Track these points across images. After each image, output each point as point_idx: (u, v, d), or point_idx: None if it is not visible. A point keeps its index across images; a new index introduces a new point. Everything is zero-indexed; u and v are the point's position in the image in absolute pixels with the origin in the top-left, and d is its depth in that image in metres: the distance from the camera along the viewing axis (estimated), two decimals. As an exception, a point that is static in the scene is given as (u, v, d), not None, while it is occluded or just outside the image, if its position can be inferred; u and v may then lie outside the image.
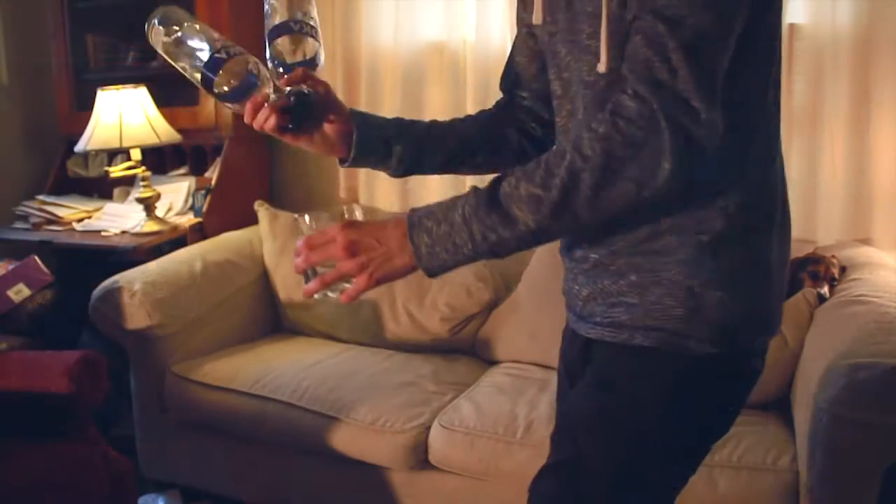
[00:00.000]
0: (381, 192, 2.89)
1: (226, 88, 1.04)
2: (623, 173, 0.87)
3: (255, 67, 1.05)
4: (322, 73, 1.11)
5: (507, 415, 1.93)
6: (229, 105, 1.07)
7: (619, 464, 1.01)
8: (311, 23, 1.09)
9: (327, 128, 1.10)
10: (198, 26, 1.08)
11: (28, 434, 1.82)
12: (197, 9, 2.77)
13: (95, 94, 2.66)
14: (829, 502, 1.55)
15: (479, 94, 2.59)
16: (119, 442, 2.15)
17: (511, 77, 1.24)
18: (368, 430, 1.98)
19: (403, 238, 0.94)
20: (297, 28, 1.07)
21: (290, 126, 1.06)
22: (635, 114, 0.86)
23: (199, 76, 1.05)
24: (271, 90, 1.05)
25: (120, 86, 2.64)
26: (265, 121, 1.03)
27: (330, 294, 0.99)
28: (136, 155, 2.67)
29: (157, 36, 1.07)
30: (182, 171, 2.98)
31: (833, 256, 2.10)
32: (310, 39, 1.07)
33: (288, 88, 1.05)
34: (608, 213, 0.91)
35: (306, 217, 1.03)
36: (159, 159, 2.98)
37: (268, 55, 1.08)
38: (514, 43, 1.24)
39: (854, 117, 2.25)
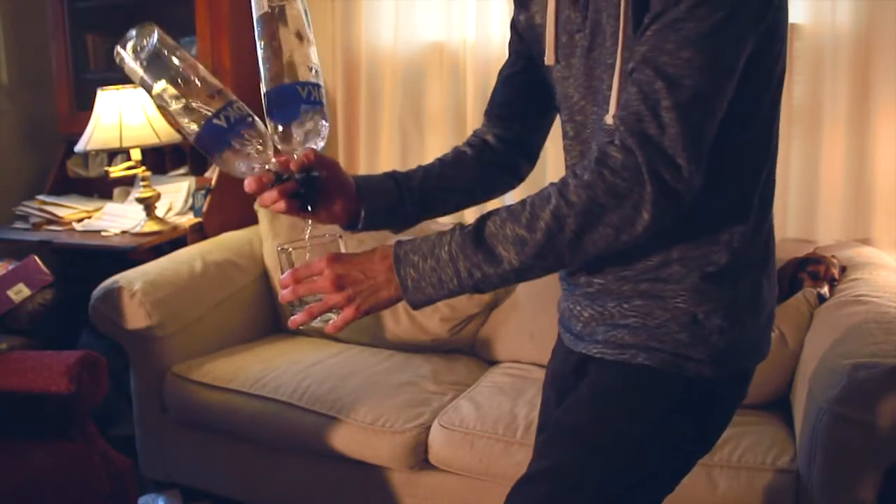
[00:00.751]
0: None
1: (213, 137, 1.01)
2: (604, 220, 0.90)
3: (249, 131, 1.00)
4: (322, 73, 1.09)
5: (507, 415, 1.93)
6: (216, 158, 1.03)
7: (610, 473, 1.03)
8: (316, 80, 1.03)
9: (333, 204, 1.10)
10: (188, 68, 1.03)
11: (28, 434, 1.82)
12: (197, 9, 2.77)
13: (95, 94, 2.66)
14: (829, 502, 1.55)
15: (479, 94, 2.59)
16: (119, 442, 2.15)
17: (499, 110, 1.25)
18: (368, 430, 1.98)
19: (389, 271, 0.96)
20: (306, 97, 1.01)
21: (298, 209, 1.05)
22: (620, 165, 0.89)
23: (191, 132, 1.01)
24: (272, 164, 1.01)
25: (120, 86, 2.64)
26: (272, 203, 1.02)
27: (316, 325, 1.01)
28: (136, 155, 2.67)
29: (132, 63, 1.04)
30: (182, 171, 2.98)
31: (833, 256, 2.10)
32: (318, 116, 1.02)
33: (296, 173, 1.01)
34: (588, 255, 0.94)
35: (290, 247, 1.03)
36: (159, 159, 2.98)
37: (267, 118, 1.03)
38: (503, 73, 1.24)
39: (854, 117, 2.25)
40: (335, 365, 2.27)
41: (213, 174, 2.83)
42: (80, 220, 2.88)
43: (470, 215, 2.45)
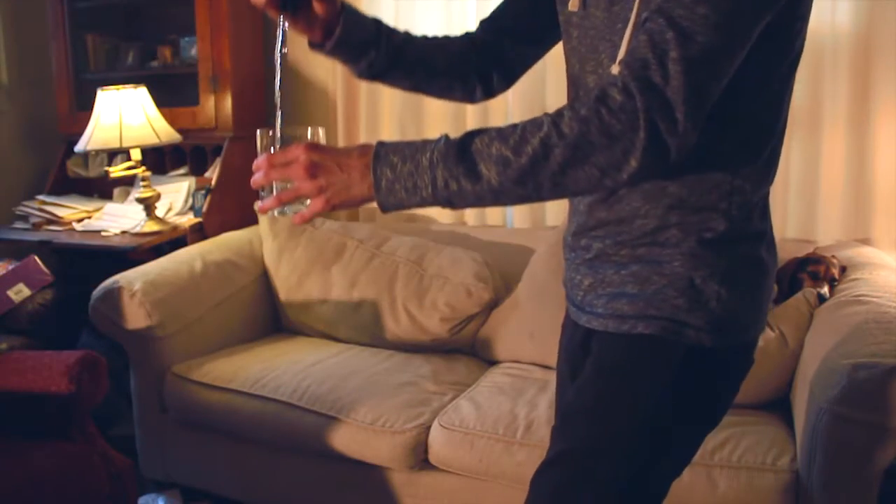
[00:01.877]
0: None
1: None
2: (592, 159, 0.89)
3: None
4: (322, 74, 1.10)
5: (507, 415, 1.93)
6: None
7: (619, 451, 1.03)
8: None
9: (314, 15, 1.08)
10: None
11: (28, 434, 1.82)
12: (197, 9, 2.77)
13: (95, 94, 2.66)
14: (829, 502, 1.55)
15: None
16: (119, 442, 2.15)
17: (498, 21, 1.25)
18: (368, 430, 1.98)
19: (366, 168, 0.94)
20: None
21: (281, 6, 1.03)
22: (618, 106, 0.88)
23: None
24: None
25: (120, 86, 2.64)
26: None
27: (285, 213, 0.99)
28: (136, 155, 2.67)
29: None
30: (182, 171, 2.98)
31: (833, 256, 2.10)
32: None
33: None
34: (567, 192, 0.94)
35: (269, 133, 1.01)
36: (159, 159, 2.99)
37: None
38: None
39: (854, 117, 2.25)
40: (335, 365, 2.27)
41: (213, 174, 2.83)
42: (80, 220, 2.89)
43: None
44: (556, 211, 2.64)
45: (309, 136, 1.02)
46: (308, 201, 0.97)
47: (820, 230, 2.34)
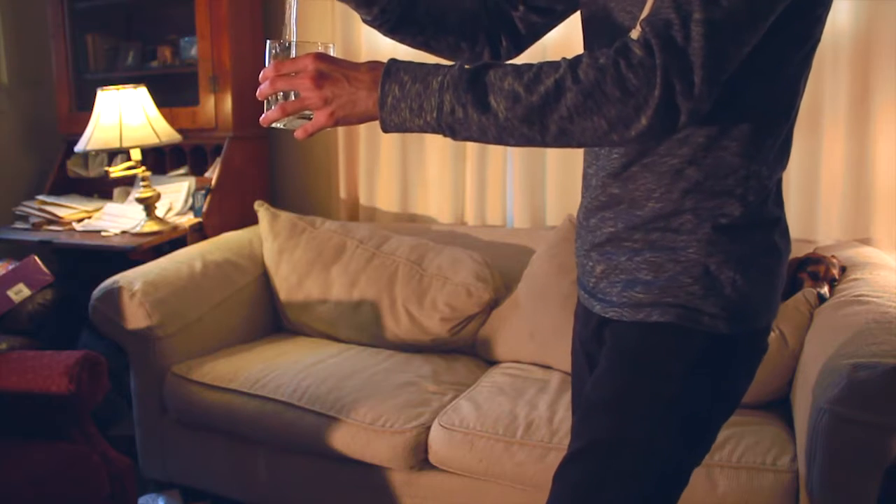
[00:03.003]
0: (381, 193, 2.90)
1: None
2: (602, 110, 0.88)
3: None
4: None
5: (507, 415, 1.93)
6: None
7: (640, 441, 1.02)
8: None
9: None
10: None
11: (28, 434, 1.82)
12: (197, 9, 2.77)
13: (95, 94, 2.67)
14: (829, 502, 1.55)
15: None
16: (119, 442, 2.15)
17: None
18: (368, 430, 1.98)
19: (374, 83, 0.93)
20: None
21: None
22: (637, 61, 0.87)
23: None
24: None
25: (120, 86, 2.64)
26: None
27: (286, 125, 0.98)
28: (136, 155, 2.67)
29: None
30: (182, 171, 2.98)
31: (833, 256, 2.10)
32: None
33: None
34: (572, 141, 0.92)
35: (278, 43, 0.99)
36: (159, 159, 2.99)
37: None
38: None
39: (854, 117, 2.25)
40: (335, 365, 2.27)
41: (213, 174, 2.83)
42: (80, 220, 2.89)
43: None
44: (556, 211, 2.64)
45: (319, 49, 0.99)
46: (311, 115, 0.95)
47: (820, 230, 2.34)
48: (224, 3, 2.74)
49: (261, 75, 0.97)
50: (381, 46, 2.76)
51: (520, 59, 1.29)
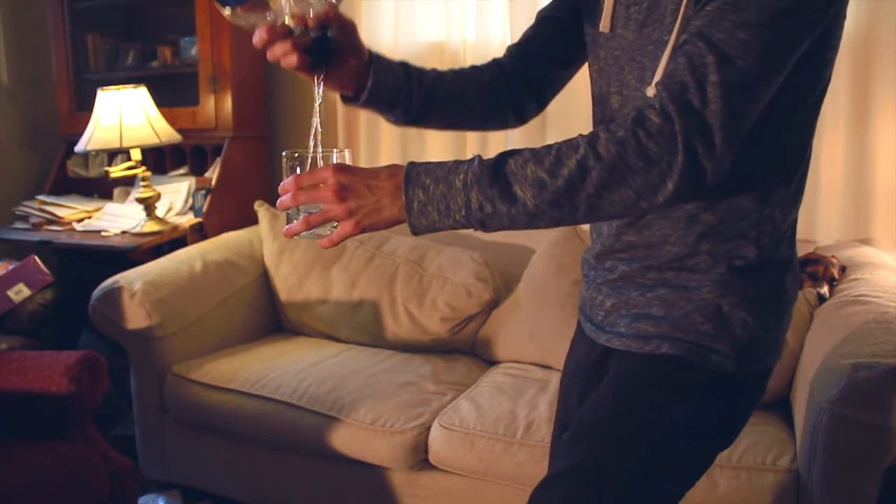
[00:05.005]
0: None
1: None
2: (628, 181, 0.88)
3: None
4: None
5: (507, 415, 1.93)
6: (232, 12, 0.99)
7: (630, 471, 1.02)
8: None
9: (343, 70, 1.07)
10: None
11: (28, 434, 1.82)
12: (197, 9, 2.77)
13: (95, 94, 2.67)
14: (829, 502, 1.55)
15: (479, 94, 2.59)
16: (119, 442, 2.15)
17: (526, 47, 1.24)
18: (368, 430, 1.98)
19: (397, 190, 0.93)
20: None
21: (309, 67, 1.01)
22: (656, 129, 0.87)
23: None
24: (288, 16, 0.98)
25: (120, 86, 2.64)
26: (283, 56, 0.99)
27: (310, 236, 0.97)
28: (136, 155, 2.67)
29: None
30: (182, 171, 2.98)
31: (833, 256, 2.10)
32: None
33: (311, 30, 0.99)
34: (603, 215, 0.92)
35: (296, 154, 0.99)
36: (159, 159, 2.99)
37: None
38: (541, 13, 1.23)
39: (854, 117, 2.25)
40: (335, 365, 2.27)
41: (213, 174, 2.83)
42: (80, 221, 2.89)
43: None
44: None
45: (335, 159, 0.99)
46: (335, 224, 0.95)
47: (820, 230, 2.34)
48: None
49: (280, 187, 0.96)
50: (380, 46, 2.75)
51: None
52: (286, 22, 0.98)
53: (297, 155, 0.99)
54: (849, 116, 2.25)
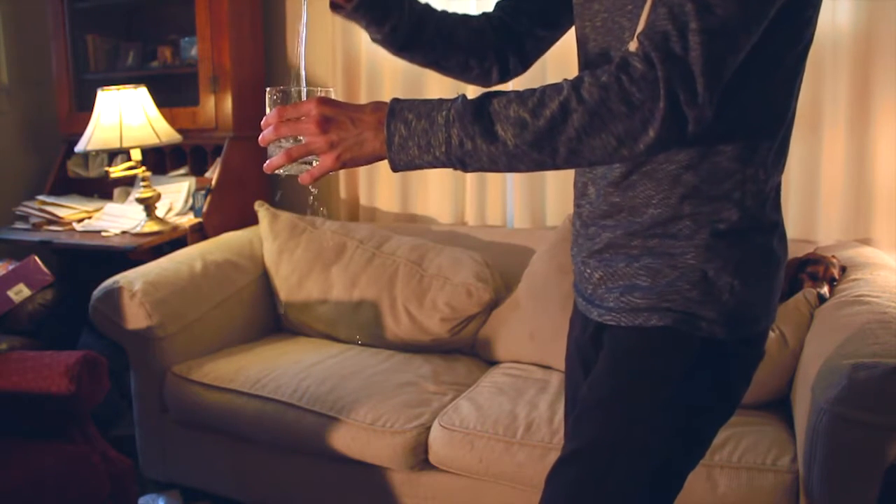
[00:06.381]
0: (382, 193, 2.90)
1: None
2: (610, 126, 0.89)
3: None
4: (322, 74, 1.09)
5: (507, 415, 1.93)
6: None
7: (636, 443, 1.02)
8: None
9: None
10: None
11: (28, 434, 1.82)
12: (197, 9, 2.77)
13: (95, 94, 2.67)
14: (829, 502, 1.55)
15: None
16: (119, 442, 2.15)
17: (515, 1, 1.24)
18: (368, 431, 1.98)
19: (379, 124, 0.93)
20: None
21: None
22: (639, 75, 0.87)
23: None
24: None
25: (120, 86, 2.64)
26: None
27: (291, 171, 0.97)
28: (136, 155, 2.67)
29: None
30: (182, 171, 2.98)
31: (833, 257, 2.10)
32: None
33: None
34: (583, 160, 0.92)
35: (280, 89, 1.00)
36: (159, 159, 2.99)
37: None
38: None
39: (854, 117, 2.25)
40: (335, 365, 2.27)
41: (213, 174, 2.83)
42: (80, 221, 2.89)
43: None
44: (556, 211, 2.64)
45: (320, 93, 1.00)
46: (316, 161, 0.95)
47: (820, 230, 2.34)
48: (224, 4, 2.74)
49: (263, 122, 0.96)
50: (380, 47, 2.76)
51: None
52: None
53: (281, 90, 0.99)
54: (849, 116, 2.25)
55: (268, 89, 1.00)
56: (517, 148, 0.90)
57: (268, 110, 0.99)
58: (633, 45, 0.91)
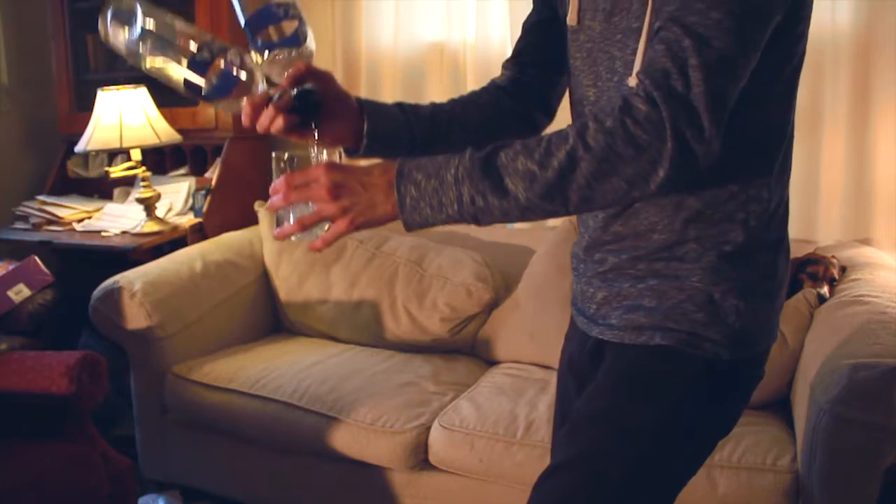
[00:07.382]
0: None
1: (208, 86, 0.99)
2: (619, 171, 0.88)
3: (234, 59, 1.01)
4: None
5: (507, 415, 1.93)
6: (215, 103, 1.02)
7: (629, 460, 1.02)
8: (295, 8, 1.05)
9: (336, 123, 1.07)
10: (166, 19, 1.01)
11: (28, 434, 1.82)
12: (197, 10, 2.77)
13: (95, 94, 2.67)
14: (829, 502, 1.55)
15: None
16: (119, 442, 2.15)
17: (519, 58, 1.24)
18: (368, 431, 1.98)
19: (389, 187, 0.92)
20: (283, 13, 1.03)
21: (299, 125, 1.01)
22: (644, 116, 0.87)
23: (181, 81, 0.99)
24: (263, 85, 0.99)
25: (120, 86, 2.64)
26: (270, 122, 0.99)
27: (303, 238, 0.97)
28: (136, 155, 2.67)
29: (117, 35, 0.98)
30: (182, 171, 2.98)
31: (833, 257, 2.10)
32: (297, 22, 1.03)
33: (290, 89, 1.00)
34: (595, 206, 0.92)
35: (286, 155, 0.99)
36: (159, 159, 2.99)
37: (250, 41, 1.04)
38: (526, 22, 1.23)
39: (854, 117, 2.25)
40: (335, 365, 2.27)
41: (213, 174, 2.83)
42: (80, 221, 2.89)
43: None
44: (556, 211, 2.64)
45: (325, 157, 1.00)
46: (327, 225, 0.95)
47: (820, 230, 2.34)
48: (224, 4, 2.74)
49: (271, 188, 0.95)
50: (380, 46, 2.76)
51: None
52: (265, 90, 0.98)
53: (286, 155, 0.99)
54: (849, 116, 2.25)
55: (274, 155, 0.99)
56: (528, 201, 0.90)
57: (274, 174, 0.98)
58: (632, 81, 0.91)
